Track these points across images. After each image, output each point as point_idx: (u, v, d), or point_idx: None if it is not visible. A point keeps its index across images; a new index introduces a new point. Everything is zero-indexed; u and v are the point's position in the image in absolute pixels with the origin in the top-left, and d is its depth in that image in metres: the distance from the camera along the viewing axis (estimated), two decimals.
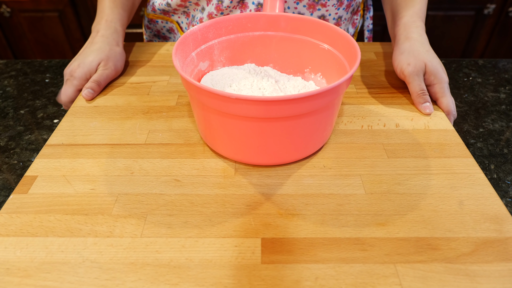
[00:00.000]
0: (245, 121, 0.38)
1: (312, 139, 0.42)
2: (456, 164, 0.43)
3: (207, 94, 0.37)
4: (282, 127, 0.38)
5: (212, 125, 0.41)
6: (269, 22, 0.50)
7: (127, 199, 0.39)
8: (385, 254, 0.34)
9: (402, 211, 0.38)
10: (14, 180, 0.46)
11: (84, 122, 0.50)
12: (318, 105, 0.37)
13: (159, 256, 0.34)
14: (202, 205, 0.39)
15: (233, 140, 0.41)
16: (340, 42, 0.45)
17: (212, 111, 0.39)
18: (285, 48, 0.52)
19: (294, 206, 0.38)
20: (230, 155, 0.43)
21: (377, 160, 0.44)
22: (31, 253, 0.34)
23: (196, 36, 0.47)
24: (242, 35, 0.51)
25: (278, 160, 0.42)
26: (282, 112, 0.36)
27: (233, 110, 0.37)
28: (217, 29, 0.49)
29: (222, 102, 0.36)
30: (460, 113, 0.59)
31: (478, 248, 0.34)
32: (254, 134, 0.39)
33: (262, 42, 0.52)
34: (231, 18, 0.50)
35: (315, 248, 0.34)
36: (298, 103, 0.35)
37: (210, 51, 0.50)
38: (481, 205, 0.38)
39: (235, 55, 0.52)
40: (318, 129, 0.41)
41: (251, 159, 0.42)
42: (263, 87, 0.47)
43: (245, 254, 0.34)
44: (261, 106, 0.35)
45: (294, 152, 0.42)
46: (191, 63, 0.47)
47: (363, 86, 0.57)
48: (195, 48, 0.48)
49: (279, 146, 0.41)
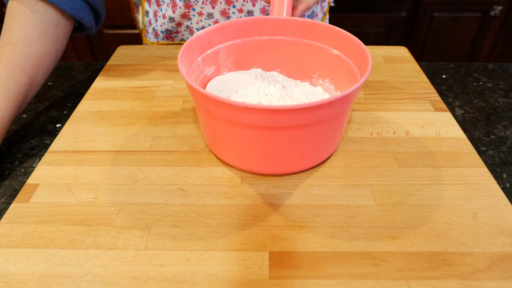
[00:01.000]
0: (252, 130, 0.37)
1: (320, 148, 0.40)
2: (469, 174, 0.42)
3: (214, 102, 0.36)
4: (290, 136, 0.37)
5: (218, 133, 0.40)
6: (277, 26, 0.49)
7: (131, 209, 0.38)
8: (397, 270, 0.33)
9: (414, 223, 0.37)
10: (15, 187, 0.45)
11: (87, 128, 0.49)
12: (328, 114, 0.36)
13: (163, 270, 0.33)
14: (208, 216, 0.38)
15: (239, 148, 0.40)
16: (350, 47, 0.44)
17: (218, 118, 0.38)
18: (293, 53, 0.50)
19: (303, 218, 0.37)
20: (236, 163, 0.42)
21: (387, 169, 0.42)
22: (32, 266, 0.33)
23: (202, 41, 0.46)
24: (249, 39, 0.50)
25: (286, 169, 0.41)
26: (291, 121, 0.35)
27: (240, 118, 0.36)
28: (224, 34, 0.48)
29: (229, 110, 0.35)
30: (471, 119, 0.58)
31: (494, 264, 0.33)
32: (261, 143, 0.38)
33: (269, 46, 0.51)
34: (238, 22, 0.48)
35: (325, 262, 0.33)
36: (307, 112, 0.34)
37: (216, 56, 0.49)
38: (495, 218, 0.37)
39: (241, 59, 0.51)
40: (327, 138, 0.40)
41: (258, 168, 0.41)
42: (270, 93, 0.45)
43: (252, 268, 0.33)
44: (269, 115, 0.34)
45: (302, 162, 0.41)
46: (197, 69, 0.46)
47: (372, 92, 0.55)
48: (201, 53, 0.47)
49: (287, 155, 0.39)
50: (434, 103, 0.53)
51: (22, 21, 0.50)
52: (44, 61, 0.52)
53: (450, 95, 0.62)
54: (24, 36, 0.50)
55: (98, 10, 0.58)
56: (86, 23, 0.57)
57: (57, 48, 0.54)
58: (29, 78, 0.50)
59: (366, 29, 1.50)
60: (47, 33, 0.52)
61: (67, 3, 0.52)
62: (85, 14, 0.56)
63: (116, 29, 1.51)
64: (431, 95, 0.55)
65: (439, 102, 0.53)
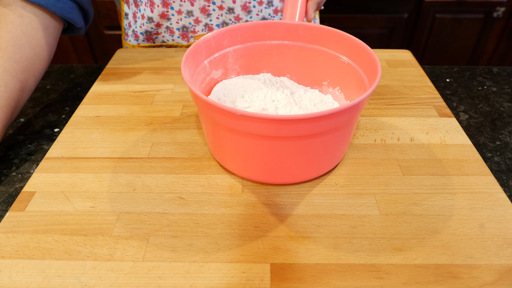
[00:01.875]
0: (252, 138, 0.36)
1: (325, 159, 0.39)
2: (475, 183, 0.41)
3: (213, 109, 0.35)
4: (290, 146, 0.36)
5: (219, 139, 0.39)
6: (288, 31, 0.48)
7: (129, 219, 0.37)
8: (402, 283, 0.32)
9: (420, 234, 0.36)
10: (12, 194, 0.45)
11: (85, 134, 0.48)
12: (332, 125, 0.35)
13: (162, 283, 0.32)
14: (208, 226, 0.37)
15: (240, 156, 0.39)
16: (360, 55, 0.43)
17: (218, 125, 0.37)
18: (303, 59, 0.49)
19: (305, 228, 0.36)
20: (237, 171, 0.41)
21: (391, 177, 0.42)
22: (27, 278, 0.32)
23: (210, 44, 0.46)
24: (259, 43, 0.49)
25: (288, 179, 0.40)
26: (291, 131, 0.34)
27: (238, 126, 0.35)
28: (233, 37, 0.48)
29: (227, 117, 0.34)
30: (476, 124, 0.57)
31: (502, 277, 0.32)
32: (261, 151, 0.37)
33: (280, 51, 0.50)
34: (248, 25, 0.48)
35: (327, 275, 0.32)
36: (307, 123, 0.33)
37: (224, 59, 0.48)
38: (503, 228, 0.36)
39: (250, 63, 0.50)
40: (332, 148, 0.39)
41: (259, 177, 0.40)
42: (277, 99, 0.44)
43: (253, 281, 0.32)
44: (268, 125, 0.33)
45: (305, 172, 0.40)
46: (203, 72, 0.45)
47: (375, 97, 0.54)
48: (208, 56, 0.46)
49: (288, 166, 0.38)
50: (438, 109, 0.52)
51: (10, 25, 0.49)
52: (34, 65, 0.51)
53: (454, 100, 0.61)
54: (13, 40, 0.49)
55: (86, 10, 0.58)
56: (76, 24, 0.56)
57: (48, 51, 0.54)
58: (20, 83, 0.49)
59: (367, 31, 1.49)
60: (37, 37, 0.51)
61: (57, 5, 0.52)
62: (75, 15, 0.55)
63: (117, 30, 1.50)
64: (436, 100, 0.54)
65: (443, 108, 0.52)
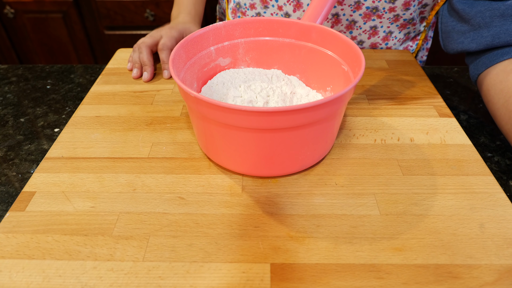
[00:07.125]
0: (237, 131, 0.37)
1: (309, 150, 0.40)
2: (475, 183, 0.41)
3: (187, 96, 0.37)
4: (275, 138, 0.37)
5: (206, 132, 0.40)
6: (301, 31, 0.48)
7: (129, 219, 0.37)
8: (402, 283, 0.32)
9: (420, 234, 0.36)
10: (12, 194, 0.45)
11: (85, 134, 0.48)
12: (310, 118, 0.35)
13: (162, 283, 0.32)
14: (208, 226, 0.37)
15: (229, 149, 0.39)
16: (356, 64, 0.42)
17: (199, 114, 0.39)
18: (313, 61, 0.49)
19: (305, 228, 0.36)
20: (229, 166, 0.41)
21: (391, 177, 0.42)
22: (27, 278, 0.32)
23: (220, 32, 0.48)
24: (271, 39, 0.50)
25: (278, 171, 0.41)
26: (273, 123, 0.35)
27: (210, 115, 0.36)
28: (245, 29, 0.49)
29: (199, 106, 0.36)
30: (476, 124, 0.57)
31: (502, 277, 0.32)
32: (254, 143, 0.38)
33: (291, 50, 0.50)
34: (262, 20, 0.49)
35: (327, 275, 0.32)
36: (281, 116, 0.34)
37: (234, 48, 0.50)
38: (503, 228, 0.36)
39: (261, 57, 0.51)
40: (317, 139, 0.39)
41: (251, 171, 0.41)
42: (272, 94, 0.45)
43: (253, 281, 0.32)
44: (237, 116, 0.34)
45: (294, 163, 0.40)
46: (207, 57, 0.48)
47: (375, 97, 0.54)
48: (216, 43, 0.48)
49: (278, 157, 0.39)
50: (438, 109, 0.52)
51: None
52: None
53: (454, 100, 0.61)
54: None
55: None
56: None
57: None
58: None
59: None
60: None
61: None
62: None
63: (117, 30, 1.50)
64: (436, 100, 0.54)
65: (443, 108, 0.52)
